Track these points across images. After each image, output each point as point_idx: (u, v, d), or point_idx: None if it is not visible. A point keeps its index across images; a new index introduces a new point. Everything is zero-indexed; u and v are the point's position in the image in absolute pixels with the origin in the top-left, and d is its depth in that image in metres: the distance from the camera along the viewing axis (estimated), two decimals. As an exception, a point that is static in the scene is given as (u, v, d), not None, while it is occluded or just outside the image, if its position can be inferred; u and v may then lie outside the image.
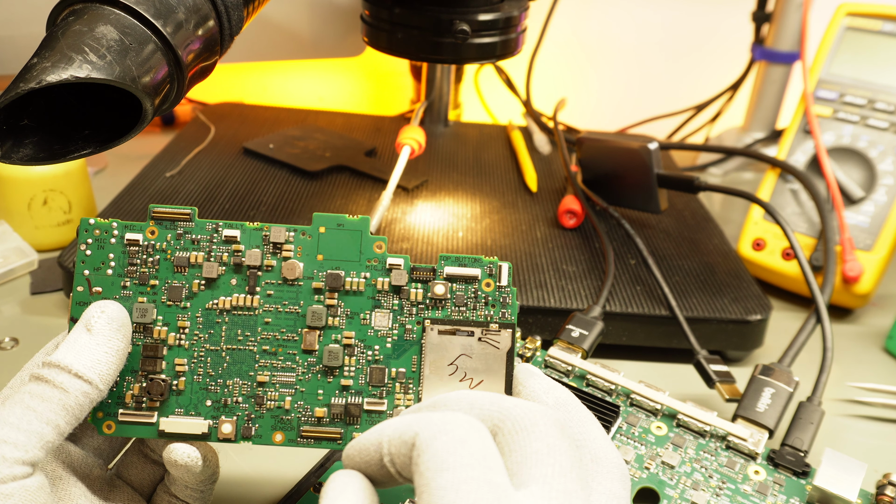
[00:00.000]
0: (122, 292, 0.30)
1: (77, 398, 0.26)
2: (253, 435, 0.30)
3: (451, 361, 0.30)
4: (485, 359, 0.30)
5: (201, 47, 0.31)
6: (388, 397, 0.30)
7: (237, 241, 0.30)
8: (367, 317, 0.30)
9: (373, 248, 0.31)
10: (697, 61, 0.92)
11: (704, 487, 0.36)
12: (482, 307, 0.30)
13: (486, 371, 0.30)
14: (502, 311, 0.30)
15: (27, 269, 0.54)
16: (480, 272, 0.31)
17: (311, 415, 0.30)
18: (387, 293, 0.30)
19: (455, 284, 0.31)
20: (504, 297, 0.31)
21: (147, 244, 0.30)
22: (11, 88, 0.26)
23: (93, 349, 0.27)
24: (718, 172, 0.79)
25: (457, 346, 0.30)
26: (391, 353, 0.30)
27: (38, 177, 0.55)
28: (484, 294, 0.31)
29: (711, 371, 0.43)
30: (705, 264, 0.54)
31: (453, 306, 0.30)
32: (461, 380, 0.30)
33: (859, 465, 0.36)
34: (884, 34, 0.57)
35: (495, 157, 0.70)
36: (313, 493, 0.35)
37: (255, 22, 0.64)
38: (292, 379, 0.30)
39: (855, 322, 0.56)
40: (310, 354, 0.30)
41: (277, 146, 0.66)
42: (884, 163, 0.55)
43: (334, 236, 0.31)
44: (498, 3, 0.50)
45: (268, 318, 0.30)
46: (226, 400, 0.30)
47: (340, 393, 0.30)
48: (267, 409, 0.30)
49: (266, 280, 0.30)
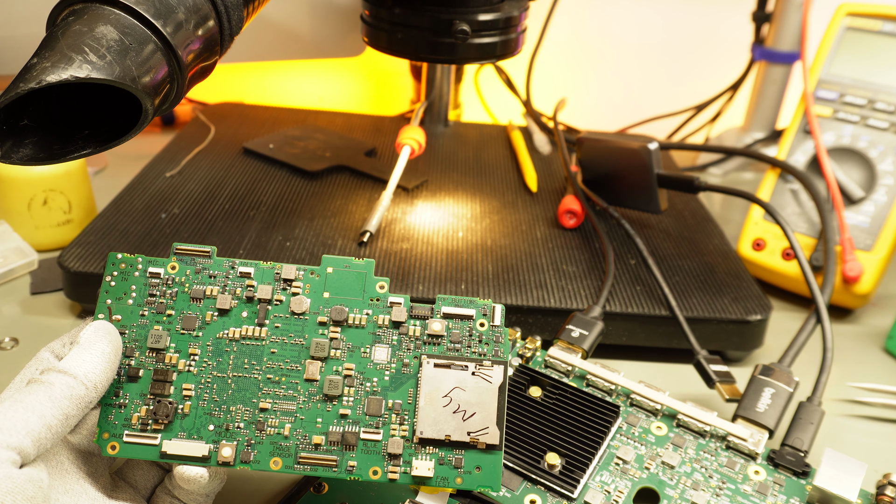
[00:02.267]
0: (140, 320, 0.32)
1: (62, 390, 0.27)
2: (252, 460, 0.30)
3: (445, 394, 0.31)
4: (478, 392, 0.31)
5: (201, 47, 0.31)
6: (384, 427, 0.31)
7: (251, 277, 0.33)
8: (367, 350, 0.32)
9: (375, 288, 0.33)
10: (697, 61, 0.92)
11: (704, 487, 0.36)
12: (476, 344, 0.32)
13: (479, 404, 0.31)
14: (495, 349, 0.32)
15: (27, 269, 0.54)
16: (475, 312, 0.32)
17: (309, 442, 0.31)
18: (387, 328, 0.32)
19: (451, 322, 0.32)
20: (497, 335, 0.32)
21: (167, 277, 0.32)
22: (11, 88, 0.26)
23: (78, 352, 0.29)
24: (718, 172, 0.79)
25: (451, 379, 0.31)
26: (389, 386, 0.31)
27: (38, 177, 0.55)
28: (478, 333, 0.32)
29: (711, 371, 0.43)
30: (705, 264, 0.54)
31: (449, 343, 0.32)
32: (454, 411, 0.31)
33: (859, 465, 0.36)
34: (884, 34, 0.57)
35: (495, 157, 0.70)
36: (313, 493, 0.35)
37: (255, 22, 0.64)
38: (293, 407, 0.31)
39: (855, 322, 0.56)
40: (311, 384, 0.31)
41: (277, 146, 0.66)
42: (884, 163, 0.55)
43: (340, 276, 0.33)
44: (498, 3, 0.50)
45: (274, 348, 0.32)
46: (228, 425, 0.30)
47: (338, 422, 0.31)
48: (267, 435, 0.30)
49: (275, 313, 0.32)
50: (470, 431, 0.31)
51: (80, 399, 0.27)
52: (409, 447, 0.31)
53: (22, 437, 0.25)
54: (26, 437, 0.25)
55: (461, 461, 0.30)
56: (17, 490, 0.24)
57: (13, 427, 0.25)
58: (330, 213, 0.56)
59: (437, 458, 0.30)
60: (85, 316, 0.50)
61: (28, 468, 0.25)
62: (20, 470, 0.25)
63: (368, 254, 0.52)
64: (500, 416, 0.31)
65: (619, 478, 0.37)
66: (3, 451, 0.24)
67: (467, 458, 0.31)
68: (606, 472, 0.37)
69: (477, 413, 0.31)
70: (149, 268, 0.32)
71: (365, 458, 0.30)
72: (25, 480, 0.24)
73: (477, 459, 0.31)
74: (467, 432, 0.31)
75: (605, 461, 0.37)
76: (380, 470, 0.30)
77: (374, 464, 0.30)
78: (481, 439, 0.31)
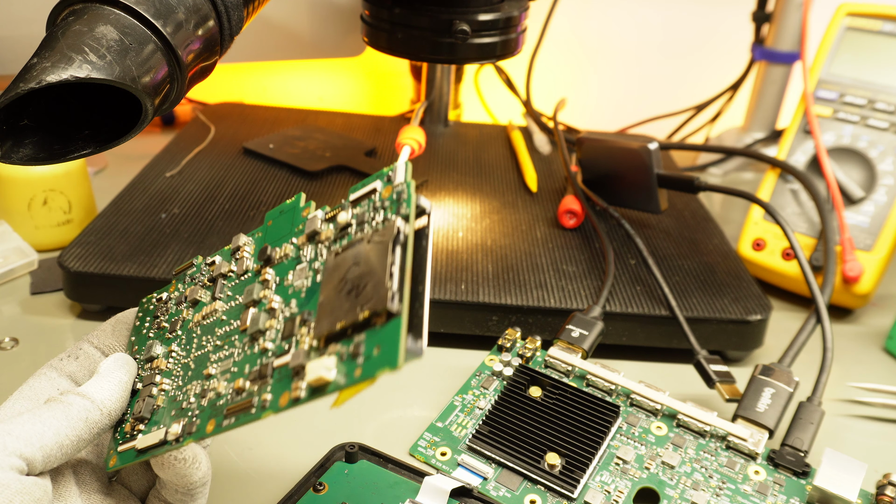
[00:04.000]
0: (147, 342, 0.33)
1: (79, 413, 0.28)
2: (194, 431, 0.27)
3: (341, 278, 0.26)
4: (371, 260, 0.25)
5: (201, 47, 0.31)
6: (296, 345, 0.26)
7: (215, 263, 0.33)
8: (290, 277, 0.29)
9: (302, 214, 0.30)
10: (697, 61, 0.92)
11: (704, 487, 0.36)
12: (378, 213, 0.27)
13: (370, 273, 0.25)
14: (397, 207, 0.26)
15: (27, 269, 0.54)
16: (380, 183, 0.27)
17: (236, 392, 0.27)
18: (306, 245, 0.29)
19: (359, 207, 0.28)
20: (399, 193, 0.26)
21: (167, 298, 0.34)
22: (11, 88, 0.26)
23: (99, 380, 0.30)
24: (718, 172, 0.79)
25: (349, 261, 0.26)
26: (305, 302, 0.27)
27: (38, 177, 0.55)
28: (382, 201, 0.27)
29: (711, 371, 0.43)
30: (705, 264, 0.54)
31: (357, 228, 0.27)
32: (348, 292, 0.25)
33: (859, 465, 0.36)
34: (884, 34, 0.57)
35: (495, 157, 0.70)
36: (313, 493, 0.35)
37: (255, 22, 0.64)
38: (230, 364, 0.28)
39: (855, 322, 0.56)
40: (245, 334, 0.29)
41: (277, 146, 0.66)
42: (884, 163, 0.55)
43: (277, 223, 0.31)
44: (498, 3, 0.50)
45: (224, 315, 0.31)
46: (183, 404, 0.29)
47: (261, 358, 0.27)
48: (209, 400, 0.28)
49: (227, 284, 0.32)
50: (361, 305, 0.24)
51: (95, 423, 0.28)
52: (315, 355, 0.25)
53: (35, 450, 0.26)
54: (38, 451, 0.26)
55: (359, 347, 0.23)
56: (25, 492, 0.25)
57: (29, 439, 0.26)
58: (330, 213, 0.56)
59: (338, 354, 0.24)
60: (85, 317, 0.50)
61: (36, 477, 0.26)
62: (28, 477, 0.25)
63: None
64: (394, 275, 0.24)
65: (619, 478, 0.37)
66: (14, 458, 0.25)
67: (368, 341, 0.23)
68: (606, 472, 0.37)
69: (369, 283, 0.24)
70: (160, 295, 0.34)
71: (278, 387, 0.25)
72: (32, 484, 0.25)
73: (376, 339, 0.23)
74: (357, 308, 0.24)
75: (605, 461, 0.37)
76: (288, 393, 0.25)
77: (285, 388, 0.25)
78: (368, 307, 0.24)
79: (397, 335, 0.23)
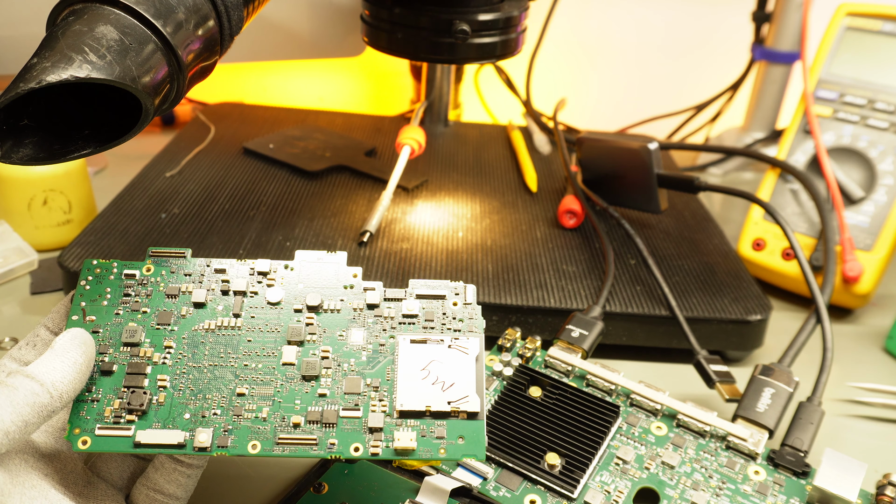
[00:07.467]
0: (115, 319, 0.32)
1: (25, 397, 0.26)
2: (229, 445, 0.29)
3: (422, 367, 0.31)
4: (455, 364, 0.31)
5: (201, 47, 0.31)
6: (364, 405, 0.30)
7: (225, 273, 0.33)
8: (343, 334, 0.32)
9: (349, 276, 0.33)
10: (697, 61, 0.92)
11: (704, 487, 0.36)
12: (451, 321, 0.32)
13: (457, 375, 0.31)
14: (470, 324, 0.32)
15: (27, 269, 0.54)
16: (448, 292, 0.33)
17: (288, 423, 0.30)
18: (362, 311, 0.32)
19: (424, 302, 0.33)
20: (471, 312, 0.32)
21: (143, 278, 0.33)
22: (11, 88, 0.26)
23: (50, 358, 0.28)
24: (718, 172, 0.79)
25: (428, 354, 0.31)
26: (366, 365, 0.31)
27: (38, 177, 0.55)
28: (452, 311, 0.32)
29: (711, 371, 0.43)
30: (705, 264, 0.54)
31: (424, 321, 0.32)
32: (433, 383, 0.31)
33: (859, 465, 0.36)
34: (884, 34, 0.57)
35: (495, 157, 0.70)
36: (313, 493, 0.35)
37: (255, 22, 0.64)
38: (270, 391, 0.30)
39: (855, 322, 0.56)
40: (288, 367, 0.31)
41: (277, 146, 0.66)
42: (884, 163, 0.55)
43: (314, 268, 0.33)
44: (498, 3, 0.50)
45: (250, 337, 0.32)
46: (204, 412, 0.30)
47: (317, 402, 0.30)
48: (244, 419, 0.30)
49: (250, 304, 0.32)
50: (450, 401, 0.30)
51: (43, 407, 0.26)
52: (390, 421, 0.30)
53: None
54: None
55: (443, 431, 0.30)
56: None
57: None
58: (330, 213, 0.56)
59: (418, 430, 0.30)
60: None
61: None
62: None
63: (368, 254, 0.52)
64: (479, 386, 0.30)
65: (619, 478, 0.37)
66: None
67: (450, 428, 0.30)
68: (606, 472, 0.37)
69: (455, 383, 0.30)
70: (124, 270, 0.33)
71: (345, 436, 0.29)
72: None
73: (459, 429, 0.30)
74: (447, 402, 0.30)
75: (605, 461, 0.37)
76: (361, 446, 0.29)
77: (355, 440, 0.29)
78: (462, 408, 0.30)
79: (482, 433, 0.30)
